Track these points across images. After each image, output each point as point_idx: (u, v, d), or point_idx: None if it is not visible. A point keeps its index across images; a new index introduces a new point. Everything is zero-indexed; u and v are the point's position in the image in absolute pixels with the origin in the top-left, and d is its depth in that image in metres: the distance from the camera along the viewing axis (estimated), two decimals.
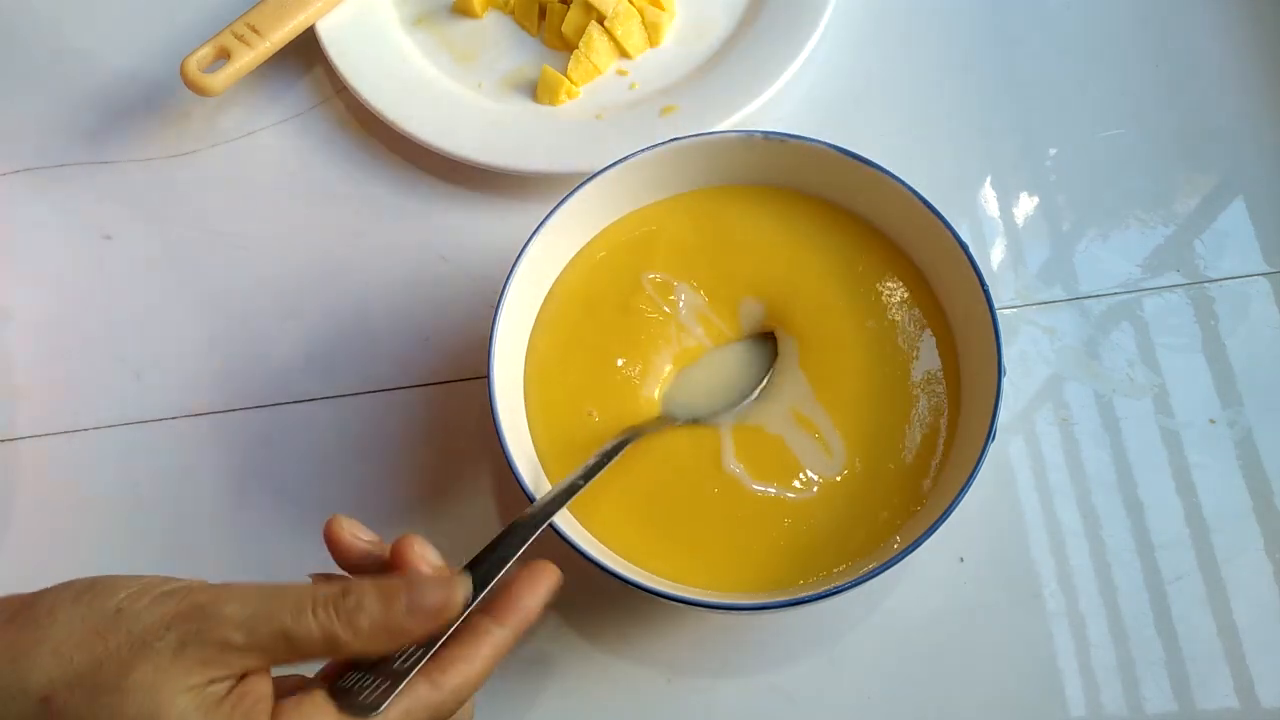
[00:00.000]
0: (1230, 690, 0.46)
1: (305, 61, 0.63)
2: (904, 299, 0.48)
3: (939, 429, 0.46)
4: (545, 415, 0.47)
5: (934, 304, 0.48)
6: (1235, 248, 0.54)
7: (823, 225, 0.50)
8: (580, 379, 0.48)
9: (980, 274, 0.44)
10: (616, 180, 0.49)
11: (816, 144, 0.48)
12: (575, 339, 0.49)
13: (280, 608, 0.33)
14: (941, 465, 0.45)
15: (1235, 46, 0.60)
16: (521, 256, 0.46)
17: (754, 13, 0.61)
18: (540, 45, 0.62)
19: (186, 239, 0.59)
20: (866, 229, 0.49)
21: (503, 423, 0.44)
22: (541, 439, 0.47)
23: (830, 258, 0.49)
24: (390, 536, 0.51)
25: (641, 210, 0.51)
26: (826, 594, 0.41)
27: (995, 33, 0.61)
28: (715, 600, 0.42)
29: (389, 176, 0.59)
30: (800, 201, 0.50)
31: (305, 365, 0.55)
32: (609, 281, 0.50)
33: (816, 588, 0.42)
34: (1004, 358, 0.43)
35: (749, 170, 0.50)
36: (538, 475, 0.45)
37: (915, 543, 0.41)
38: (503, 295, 0.46)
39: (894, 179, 0.47)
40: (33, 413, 0.55)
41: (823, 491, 0.45)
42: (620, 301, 0.49)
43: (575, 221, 0.49)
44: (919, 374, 0.47)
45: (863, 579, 0.41)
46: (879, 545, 0.44)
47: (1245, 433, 0.50)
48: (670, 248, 0.50)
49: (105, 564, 0.51)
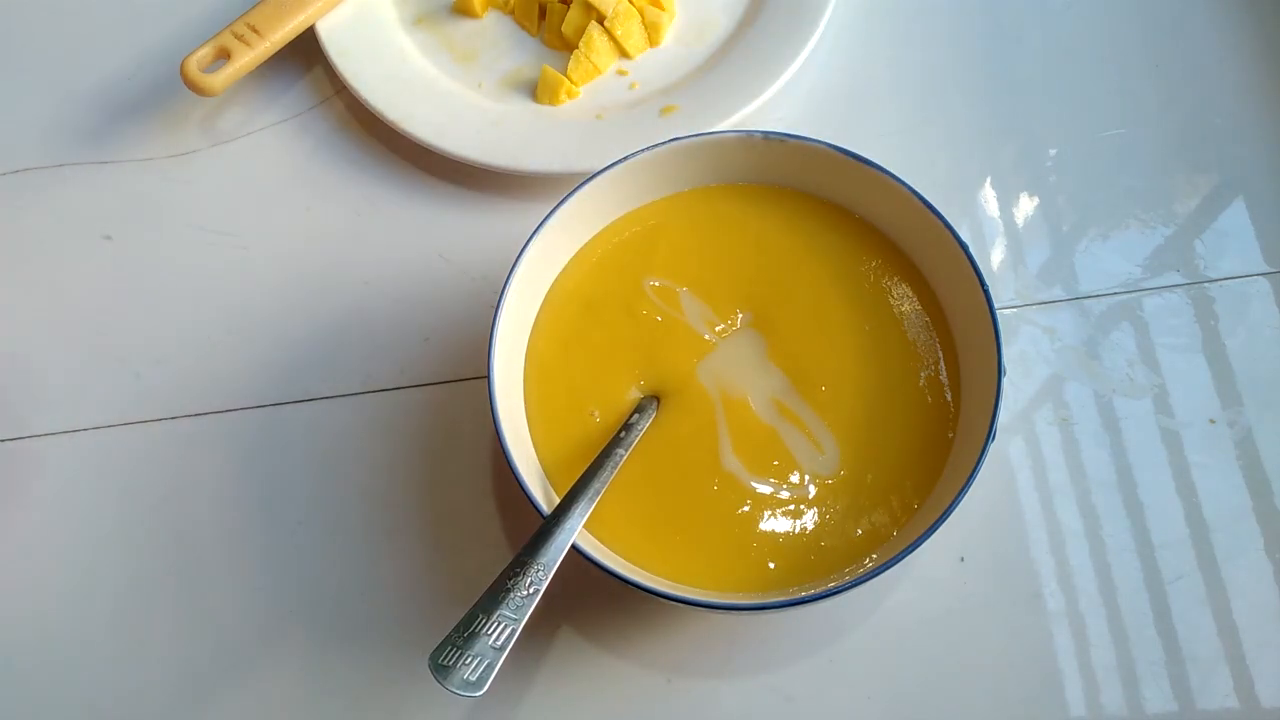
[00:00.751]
0: (1230, 690, 0.46)
1: (305, 61, 0.63)
2: (903, 298, 0.48)
3: (938, 429, 0.46)
4: (545, 415, 0.47)
5: (933, 303, 0.48)
6: (1235, 248, 0.54)
7: (822, 225, 0.50)
8: (581, 379, 0.48)
9: (979, 272, 0.44)
10: (616, 180, 0.49)
11: (816, 144, 0.48)
12: (576, 339, 0.49)
13: None
14: (941, 465, 0.45)
15: (1235, 47, 0.60)
16: (521, 257, 0.46)
17: (754, 13, 0.61)
18: (540, 45, 0.62)
19: (186, 239, 0.59)
20: (867, 229, 0.49)
21: (503, 423, 0.44)
22: (541, 439, 0.47)
23: (829, 257, 0.49)
24: (389, 534, 0.51)
25: (640, 209, 0.51)
26: (827, 594, 0.41)
27: (995, 33, 0.61)
28: (715, 600, 0.42)
29: (389, 176, 0.59)
30: (800, 201, 0.50)
31: (305, 365, 0.55)
32: (609, 282, 0.50)
33: (817, 588, 0.42)
34: (1004, 357, 0.43)
35: (748, 170, 0.50)
36: (538, 475, 0.45)
37: (915, 543, 0.41)
38: (503, 295, 0.46)
39: (893, 178, 0.47)
40: (33, 413, 0.55)
41: (821, 491, 0.45)
42: (622, 303, 0.49)
43: (575, 222, 0.49)
44: (917, 374, 0.47)
45: (863, 579, 0.41)
46: (879, 545, 0.44)
47: (1245, 432, 0.50)
48: (669, 248, 0.50)
49: (105, 564, 0.51)
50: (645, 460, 0.46)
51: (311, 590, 0.50)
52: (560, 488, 0.45)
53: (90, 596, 0.51)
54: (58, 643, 0.50)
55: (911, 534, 0.42)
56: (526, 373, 0.48)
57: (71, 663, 0.50)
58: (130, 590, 0.51)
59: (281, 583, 0.51)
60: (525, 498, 0.43)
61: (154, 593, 0.51)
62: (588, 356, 0.48)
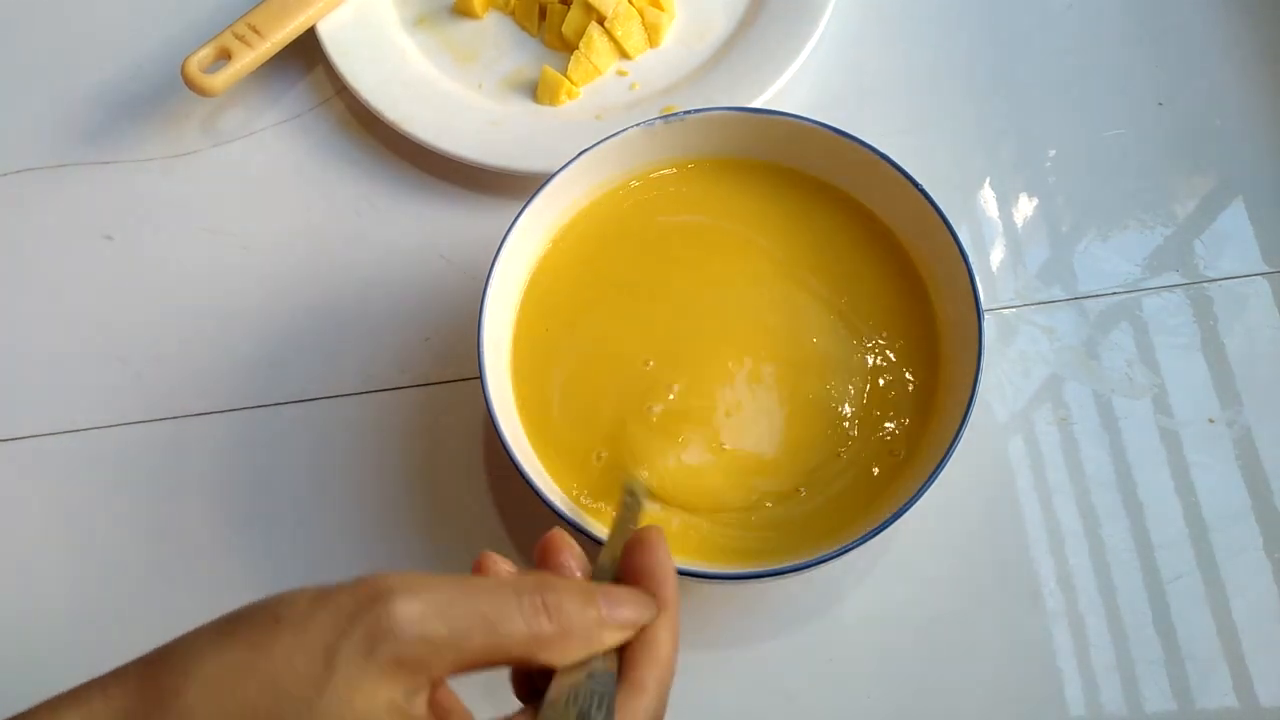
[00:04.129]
0: (1229, 690, 0.46)
1: (306, 62, 0.63)
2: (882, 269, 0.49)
3: (915, 392, 0.46)
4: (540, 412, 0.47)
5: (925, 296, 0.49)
6: (1234, 248, 0.55)
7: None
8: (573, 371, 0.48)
9: (954, 232, 0.45)
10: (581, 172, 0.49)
11: (779, 115, 0.49)
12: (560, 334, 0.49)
13: (478, 596, 0.29)
14: (923, 436, 0.46)
15: (1235, 47, 0.60)
16: (497, 259, 0.47)
17: (754, 14, 0.61)
18: (540, 45, 0.62)
19: (187, 239, 0.59)
20: (846, 199, 0.50)
21: (501, 423, 0.44)
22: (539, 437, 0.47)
23: (802, 225, 0.50)
24: (389, 535, 0.51)
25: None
26: (811, 563, 0.41)
27: (996, 34, 0.61)
28: (700, 569, 0.42)
29: (389, 176, 0.60)
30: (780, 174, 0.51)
31: (305, 365, 0.55)
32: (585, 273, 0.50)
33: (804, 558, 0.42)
34: (983, 318, 0.44)
35: (730, 146, 0.51)
36: (539, 472, 0.45)
37: (897, 512, 0.41)
38: (484, 297, 0.46)
39: (847, 138, 0.48)
40: (33, 413, 0.55)
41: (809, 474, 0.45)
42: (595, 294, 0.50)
43: (550, 212, 0.50)
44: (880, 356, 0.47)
45: (847, 548, 0.41)
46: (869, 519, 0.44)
47: (1244, 432, 0.50)
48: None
49: (105, 564, 0.51)
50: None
51: None
52: (560, 480, 0.46)
53: (90, 596, 0.51)
54: (58, 642, 0.50)
55: (898, 502, 0.42)
56: (514, 370, 0.49)
57: (67, 663, 0.50)
58: (130, 590, 0.51)
59: (281, 583, 0.50)
60: (525, 497, 0.43)
61: (154, 592, 0.51)
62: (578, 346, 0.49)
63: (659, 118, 0.49)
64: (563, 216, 0.51)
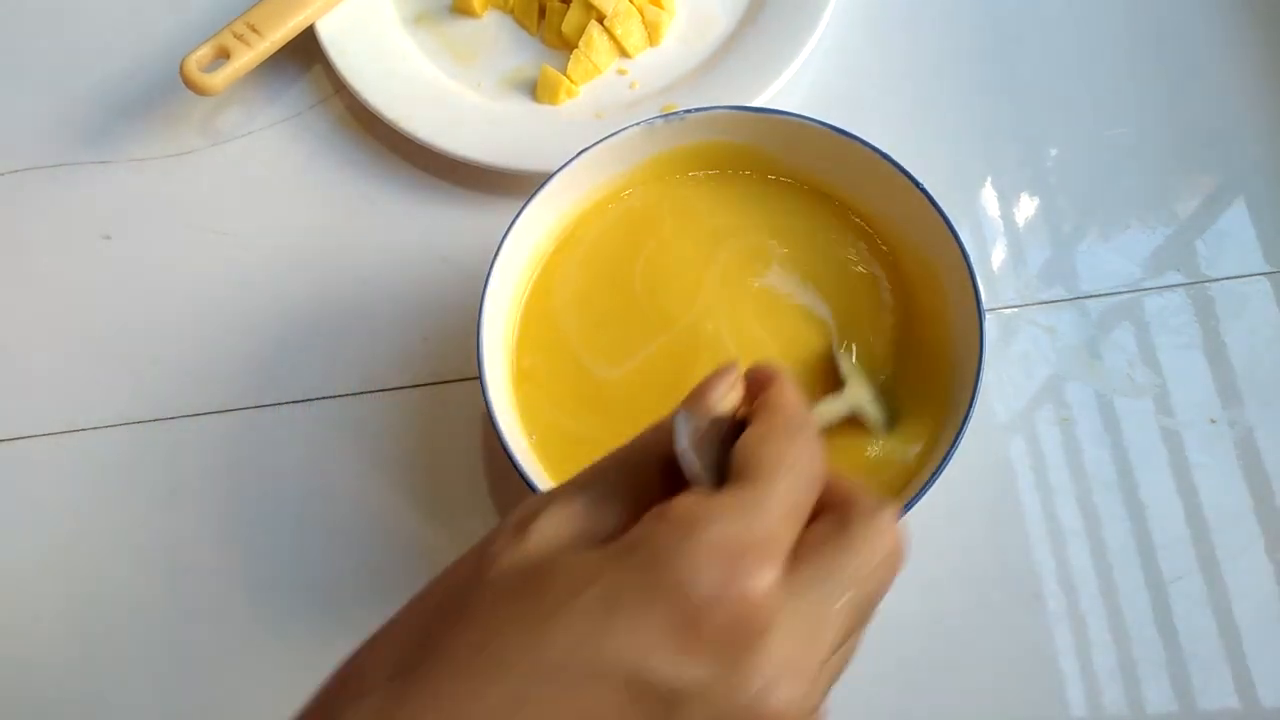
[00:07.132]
0: (1231, 690, 0.46)
1: (305, 61, 0.63)
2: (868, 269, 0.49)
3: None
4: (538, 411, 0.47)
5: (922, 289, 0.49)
6: (1235, 248, 0.54)
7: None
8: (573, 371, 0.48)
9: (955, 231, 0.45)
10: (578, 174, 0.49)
11: (780, 114, 0.49)
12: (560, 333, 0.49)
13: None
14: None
15: (1236, 47, 0.60)
16: (496, 258, 0.46)
17: (754, 12, 0.61)
18: (540, 45, 0.62)
19: (186, 239, 0.59)
20: (835, 202, 0.50)
21: (501, 423, 0.44)
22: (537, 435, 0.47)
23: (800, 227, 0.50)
24: (389, 535, 0.51)
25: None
26: None
27: (996, 34, 0.61)
28: None
29: (389, 176, 0.59)
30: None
31: (304, 365, 0.55)
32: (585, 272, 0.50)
33: None
34: (985, 318, 0.44)
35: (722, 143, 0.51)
36: (539, 472, 0.45)
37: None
38: (484, 297, 0.46)
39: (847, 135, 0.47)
40: (33, 413, 0.55)
41: None
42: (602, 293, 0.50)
43: (549, 213, 0.50)
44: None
45: None
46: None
47: (1246, 432, 0.50)
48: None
49: (105, 564, 0.51)
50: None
51: (311, 590, 0.50)
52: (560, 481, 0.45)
53: (89, 596, 0.51)
54: (57, 643, 0.50)
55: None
56: (516, 368, 0.48)
57: (70, 663, 0.50)
58: (130, 590, 0.51)
59: (280, 583, 0.51)
60: (525, 497, 0.43)
61: (154, 592, 0.51)
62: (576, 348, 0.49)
63: (659, 116, 0.49)
64: (563, 216, 0.51)
